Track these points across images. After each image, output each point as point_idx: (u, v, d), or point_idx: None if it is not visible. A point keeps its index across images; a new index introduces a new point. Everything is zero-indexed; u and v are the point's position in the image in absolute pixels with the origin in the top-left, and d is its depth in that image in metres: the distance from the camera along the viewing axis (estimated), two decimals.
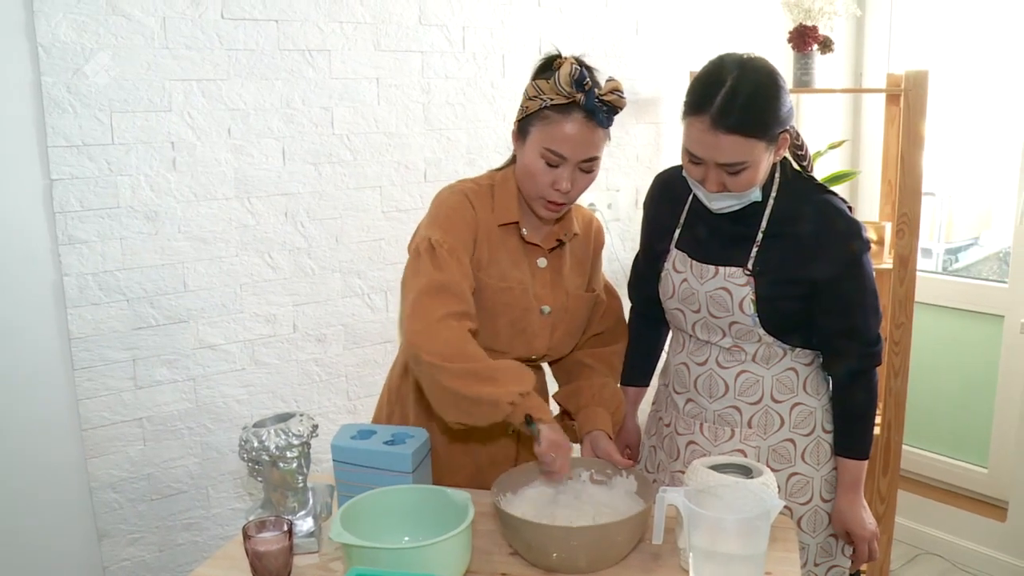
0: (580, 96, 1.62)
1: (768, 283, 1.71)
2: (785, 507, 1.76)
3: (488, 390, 1.55)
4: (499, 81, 2.77)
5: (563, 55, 1.70)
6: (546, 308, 1.80)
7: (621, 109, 1.68)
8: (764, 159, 1.63)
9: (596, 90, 1.64)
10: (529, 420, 1.57)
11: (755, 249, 1.72)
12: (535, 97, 1.67)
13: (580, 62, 1.67)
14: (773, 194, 1.73)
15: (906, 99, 2.70)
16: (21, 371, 2.11)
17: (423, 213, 1.80)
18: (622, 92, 1.67)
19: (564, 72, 1.62)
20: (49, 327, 2.14)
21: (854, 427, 1.79)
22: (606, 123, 1.67)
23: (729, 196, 1.66)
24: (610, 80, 1.68)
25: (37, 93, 2.04)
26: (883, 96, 3.11)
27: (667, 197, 1.89)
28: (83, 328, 2.17)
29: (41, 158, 2.07)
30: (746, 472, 1.60)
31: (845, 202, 1.74)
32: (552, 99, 1.64)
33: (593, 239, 1.92)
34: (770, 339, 1.74)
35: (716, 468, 1.60)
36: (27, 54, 2.02)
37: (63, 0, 2.03)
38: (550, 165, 1.67)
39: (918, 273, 2.79)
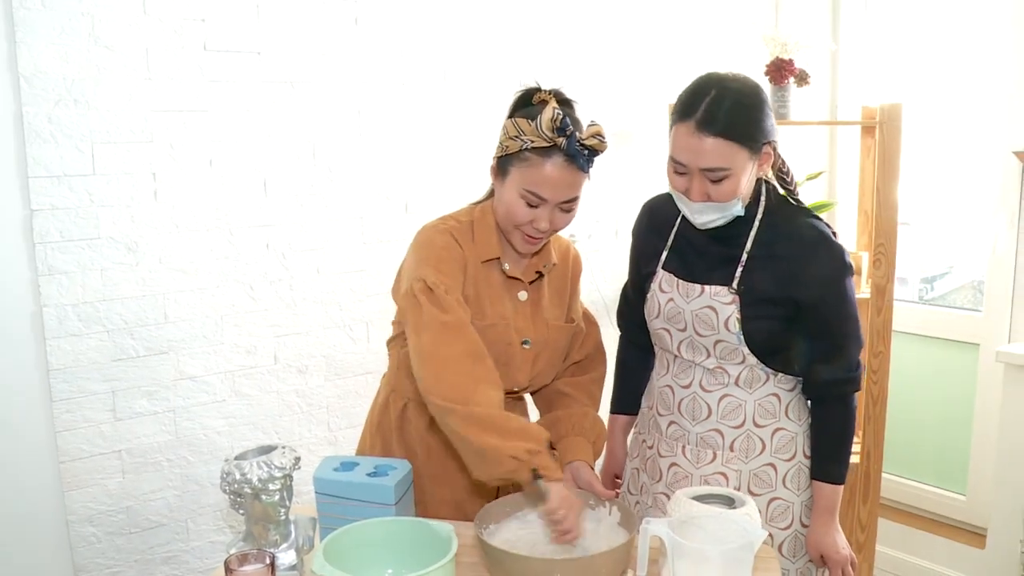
0: (562, 141, 1.62)
1: (753, 302, 1.73)
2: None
3: (493, 441, 1.53)
4: (481, 114, 2.79)
5: (542, 89, 1.70)
6: (527, 341, 1.81)
7: (602, 152, 1.68)
8: (747, 168, 1.65)
9: (578, 134, 1.64)
10: (537, 476, 1.53)
11: (740, 269, 1.75)
12: (516, 137, 1.66)
13: (561, 98, 1.69)
14: (759, 216, 1.76)
15: (881, 131, 2.74)
16: None
17: (404, 245, 1.80)
18: (603, 136, 1.67)
19: (546, 117, 1.62)
20: (28, 358, 2.13)
21: (831, 452, 1.81)
22: (587, 167, 1.67)
23: (713, 208, 1.69)
24: (592, 124, 1.68)
25: (19, 123, 2.04)
26: (859, 128, 3.16)
27: (654, 222, 1.92)
28: (62, 359, 2.16)
29: (21, 188, 2.07)
30: (729, 502, 1.60)
31: (829, 227, 1.77)
32: (533, 141, 1.64)
33: (571, 268, 1.92)
34: (754, 360, 1.76)
35: (699, 498, 1.60)
36: (9, 84, 2.02)
37: (46, 31, 2.04)
38: (530, 205, 1.68)
39: (895, 302, 2.82)
